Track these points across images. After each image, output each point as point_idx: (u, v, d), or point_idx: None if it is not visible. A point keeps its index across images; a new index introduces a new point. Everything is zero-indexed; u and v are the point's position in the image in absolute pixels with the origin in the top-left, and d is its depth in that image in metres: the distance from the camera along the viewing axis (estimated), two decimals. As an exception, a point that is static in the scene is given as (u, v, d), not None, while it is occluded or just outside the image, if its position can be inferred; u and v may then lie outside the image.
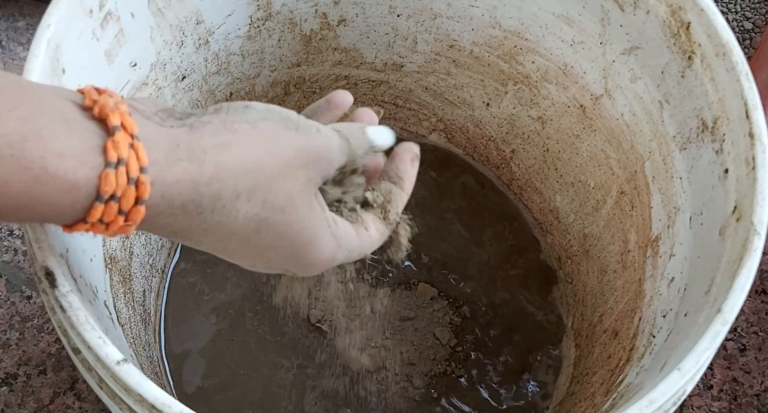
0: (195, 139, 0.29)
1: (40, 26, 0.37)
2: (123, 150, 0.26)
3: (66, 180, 0.25)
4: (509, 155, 0.64)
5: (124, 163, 0.26)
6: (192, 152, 0.28)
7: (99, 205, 0.26)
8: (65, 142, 0.25)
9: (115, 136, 0.26)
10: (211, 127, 0.29)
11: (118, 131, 0.26)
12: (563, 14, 0.51)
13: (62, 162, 0.25)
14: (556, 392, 0.57)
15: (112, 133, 0.26)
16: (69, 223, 0.27)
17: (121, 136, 0.26)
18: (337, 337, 0.57)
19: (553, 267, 0.63)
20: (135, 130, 0.27)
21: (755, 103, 0.41)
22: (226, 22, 0.53)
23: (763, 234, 0.38)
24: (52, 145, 0.25)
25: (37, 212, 0.26)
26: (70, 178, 0.25)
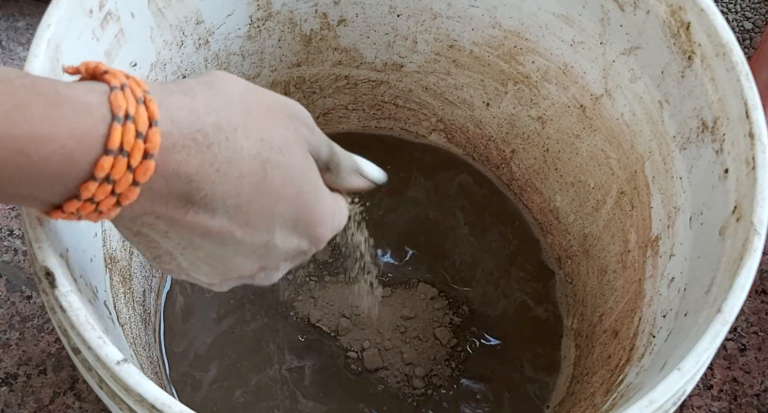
0: (181, 81, 0.30)
1: (40, 26, 0.37)
2: (122, 78, 0.27)
3: (79, 102, 0.26)
4: (509, 155, 0.64)
5: (128, 87, 0.27)
6: (180, 86, 0.29)
7: (117, 124, 0.26)
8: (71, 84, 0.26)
9: (109, 71, 0.27)
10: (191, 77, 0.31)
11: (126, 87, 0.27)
12: (563, 14, 0.51)
13: (71, 89, 0.26)
14: (556, 392, 0.57)
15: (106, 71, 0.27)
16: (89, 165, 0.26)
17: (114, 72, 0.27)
18: (337, 337, 0.57)
19: (553, 267, 0.63)
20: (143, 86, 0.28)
21: (755, 103, 0.41)
22: (226, 22, 0.53)
23: (763, 234, 0.38)
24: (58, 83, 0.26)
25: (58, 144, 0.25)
26: (83, 99, 0.26)
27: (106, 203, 0.27)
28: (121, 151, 0.26)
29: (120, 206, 0.28)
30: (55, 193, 0.27)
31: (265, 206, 0.32)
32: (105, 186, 0.27)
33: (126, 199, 0.28)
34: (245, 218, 0.31)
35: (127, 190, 0.27)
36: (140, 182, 0.27)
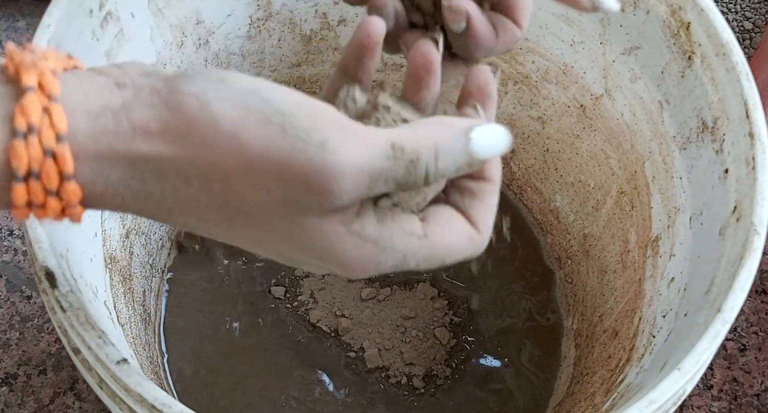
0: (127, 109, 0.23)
1: (40, 26, 0.37)
2: (33, 115, 0.22)
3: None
4: (509, 155, 0.64)
5: (35, 132, 0.22)
6: (119, 124, 0.23)
7: (17, 184, 0.22)
8: None
9: (24, 99, 0.22)
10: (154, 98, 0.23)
11: (29, 92, 0.22)
12: (563, 14, 0.51)
13: None
14: (556, 392, 0.57)
15: (23, 95, 0.22)
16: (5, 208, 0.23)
17: (31, 98, 0.22)
18: (337, 337, 0.57)
19: (553, 267, 0.63)
20: (55, 90, 0.22)
21: (755, 103, 0.41)
22: (226, 22, 0.53)
23: (763, 234, 0.38)
24: None
25: None
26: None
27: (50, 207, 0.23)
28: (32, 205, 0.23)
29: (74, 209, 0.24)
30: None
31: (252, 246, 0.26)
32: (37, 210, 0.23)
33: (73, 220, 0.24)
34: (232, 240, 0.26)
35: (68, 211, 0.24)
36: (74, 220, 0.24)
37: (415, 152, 0.24)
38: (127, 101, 0.23)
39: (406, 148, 0.24)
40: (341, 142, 0.23)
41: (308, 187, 0.23)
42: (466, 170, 0.26)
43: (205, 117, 0.23)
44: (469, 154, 0.25)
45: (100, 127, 0.23)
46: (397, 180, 0.24)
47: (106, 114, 0.23)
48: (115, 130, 0.23)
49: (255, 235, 0.25)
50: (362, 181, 0.23)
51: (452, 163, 0.25)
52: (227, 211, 0.24)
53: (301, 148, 0.22)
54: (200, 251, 0.61)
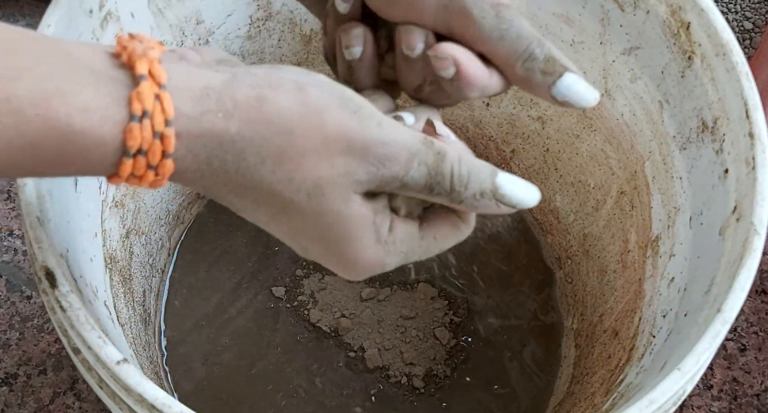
0: (230, 89, 0.27)
1: (40, 26, 0.37)
2: (147, 102, 0.25)
3: (93, 135, 0.25)
4: (509, 155, 0.64)
5: (149, 116, 0.25)
6: (222, 103, 0.26)
7: (127, 160, 0.25)
8: (90, 96, 0.24)
9: (139, 87, 0.25)
10: (252, 80, 0.27)
11: (143, 80, 0.25)
12: (563, 14, 0.51)
13: (88, 117, 0.24)
14: (556, 392, 0.57)
15: (138, 83, 0.25)
16: (104, 175, 0.27)
17: (146, 86, 0.25)
18: (337, 337, 0.57)
19: (553, 267, 0.63)
20: (163, 78, 0.25)
21: (755, 103, 0.41)
22: (226, 22, 0.53)
23: (763, 234, 0.38)
24: (76, 100, 0.24)
25: (72, 168, 0.25)
26: (96, 133, 0.25)
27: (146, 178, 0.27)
28: (132, 175, 0.26)
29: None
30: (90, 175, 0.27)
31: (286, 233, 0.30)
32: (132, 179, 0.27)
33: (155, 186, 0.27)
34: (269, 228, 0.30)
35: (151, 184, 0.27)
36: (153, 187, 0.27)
37: (442, 148, 0.29)
38: (228, 81, 0.27)
39: (435, 143, 0.29)
40: (391, 124, 0.28)
41: (365, 157, 0.28)
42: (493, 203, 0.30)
43: (302, 97, 0.27)
44: (495, 184, 0.29)
45: (202, 108, 0.26)
46: (428, 165, 0.28)
47: (210, 94, 0.26)
48: (216, 109, 0.26)
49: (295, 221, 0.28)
50: (403, 155, 0.28)
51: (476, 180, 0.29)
52: (287, 192, 0.28)
53: (366, 126, 0.28)
54: (202, 253, 0.61)
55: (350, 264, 0.30)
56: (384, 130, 0.28)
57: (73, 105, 0.24)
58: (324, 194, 0.28)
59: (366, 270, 0.30)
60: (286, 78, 0.27)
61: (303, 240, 0.29)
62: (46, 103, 0.24)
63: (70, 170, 0.26)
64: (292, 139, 0.27)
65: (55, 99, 0.24)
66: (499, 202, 0.30)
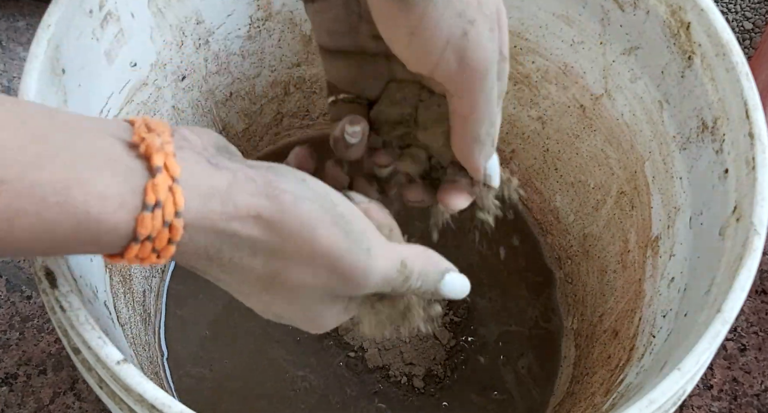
0: (232, 194, 0.28)
1: (40, 26, 0.37)
2: (161, 193, 0.26)
3: (107, 222, 0.26)
4: (509, 155, 0.64)
5: (161, 206, 0.26)
6: (225, 206, 0.28)
7: (135, 245, 0.27)
8: (107, 184, 0.26)
9: (156, 179, 0.26)
10: (252, 187, 0.29)
11: (159, 173, 0.26)
12: (563, 14, 0.51)
13: (104, 205, 0.25)
14: (556, 392, 0.57)
15: (154, 175, 0.26)
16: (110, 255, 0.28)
17: (161, 178, 0.26)
18: (337, 337, 0.57)
19: (553, 267, 0.63)
20: (177, 172, 0.27)
21: (755, 103, 0.41)
22: (226, 22, 0.53)
23: (763, 234, 0.38)
24: (95, 188, 0.25)
25: (81, 250, 0.27)
26: (110, 220, 0.26)
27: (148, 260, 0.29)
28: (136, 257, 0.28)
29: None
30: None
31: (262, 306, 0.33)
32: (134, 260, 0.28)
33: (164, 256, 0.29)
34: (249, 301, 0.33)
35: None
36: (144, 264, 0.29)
37: (412, 272, 0.32)
38: (231, 185, 0.28)
39: (408, 267, 0.32)
40: (378, 250, 0.31)
41: (347, 280, 0.30)
42: (429, 297, 0.35)
43: (296, 211, 0.29)
44: (438, 289, 0.34)
45: (208, 208, 0.28)
46: (393, 287, 0.32)
47: (215, 195, 0.28)
48: (220, 211, 0.28)
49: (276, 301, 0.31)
50: (379, 282, 0.31)
51: (425, 287, 0.33)
52: (270, 283, 0.30)
53: (355, 251, 0.30)
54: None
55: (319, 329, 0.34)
56: (371, 261, 0.30)
57: (91, 193, 0.25)
58: (302, 295, 0.31)
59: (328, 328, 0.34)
60: (282, 189, 0.29)
61: (278, 312, 0.32)
62: (67, 191, 0.25)
63: (78, 251, 0.27)
64: (284, 246, 0.29)
65: (75, 187, 0.25)
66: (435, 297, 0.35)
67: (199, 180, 0.28)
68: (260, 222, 0.29)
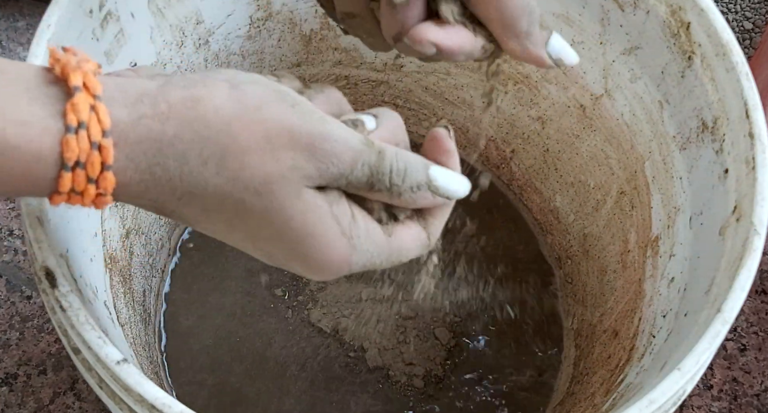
0: (164, 92, 0.26)
1: (40, 26, 0.37)
2: (83, 112, 0.25)
3: (30, 150, 0.24)
4: (509, 155, 0.64)
5: (85, 127, 0.25)
6: (156, 106, 0.26)
7: (66, 173, 0.25)
8: (26, 111, 0.24)
9: (74, 98, 0.25)
10: (185, 81, 0.27)
11: (78, 92, 0.25)
12: (563, 14, 0.51)
13: (24, 131, 0.24)
14: (556, 392, 0.57)
15: (72, 95, 0.25)
16: (46, 195, 0.26)
17: (80, 97, 0.25)
18: (337, 337, 0.57)
19: (553, 267, 0.63)
20: (98, 89, 0.25)
21: (755, 103, 0.41)
22: (226, 22, 0.53)
23: (763, 234, 0.38)
24: (11, 114, 0.24)
25: (11, 185, 0.25)
26: (34, 147, 0.24)
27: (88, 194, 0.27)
28: (74, 191, 0.26)
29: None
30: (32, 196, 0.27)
31: (245, 240, 0.29)
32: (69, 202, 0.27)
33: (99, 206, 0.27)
34: (229, 240, 0.29)
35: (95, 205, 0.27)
36: (99, 207, 0.27)
37: (381, 147, 0.29)
38: (162, 85, 0.27)
39: (374, 142, 0.29)
40: (333, 122, 0.28)
41: (312, 152, 0.27)
42: (428, 195, 0.30)
43: (237, 94, 0.27)
44: (429, 176, 0.30)
45: (138, 114, 0.26)
46: (371, 166, 0.28)
47: (144, 100, 0.26)
48: (152, 114, 0.26)
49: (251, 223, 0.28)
50: (348, 154, 0.28)
51: (412, 174, 0.30)
52: (235, 192, 0.27)
53: (308, 120, 0.27)
54: (202, 252, 0.61)
55: (316, 262, 0.29)
56: (326, 126, 0.28)
57: (8, 119, 0.24)
58: (273, 191, 0.27)
59: (332, 267, 0.29)
60: (220, 78, 0.27)
61: (264, 245, 0.29)
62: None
63: (8, 187, 0.25)
64: (232, 136, 0.26)
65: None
66: (434, 193, 0.30)
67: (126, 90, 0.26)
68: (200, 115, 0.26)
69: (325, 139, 0.27)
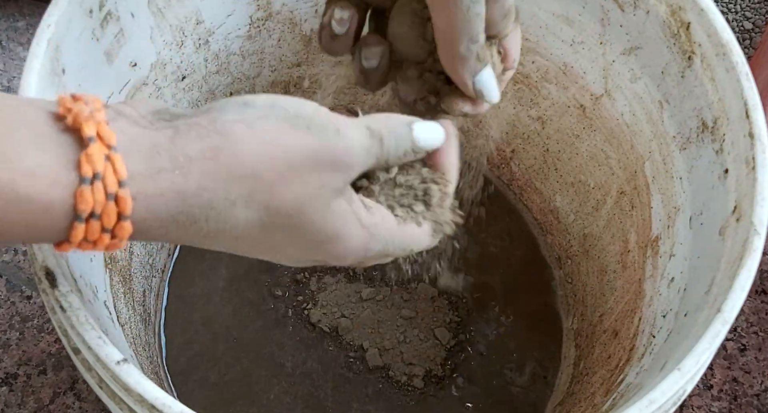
0: (179, 145, 0.26)
1: (40, 26, 0.37)
2: (98, 163, 0.24)
3: (39, 201, 0.23)
4: (509, 155, 0.64)
5: (100, 178, 0.24)
6: (175, 160, 0.26)
7: (79, 224, 0.24)
8: (36, 160, 0.23)
9: (88, 149, 0.24)
10: (198, 131, 0.26)
11: (92, 142, 0.24)
12: (563, 14, 0.51)
13: (33, 182, 0.23)
14: (556, 392, 0.57)
15: (86, 145, 0.24)
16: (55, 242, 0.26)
17: (95, 147, 0.24)
18: (337, 337, 0.57)
19: (553, 267, 0.63)
20: (112, 140, 0.25)
21: (755, 103, 0.41)
22: (226, 22, 0.53)
23: (763, 234, 0.38)
24: (21, 164, 0.23)
25: (17, 235, 0.24)
26: (43, 199, 0.23)
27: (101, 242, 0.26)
28: (86, 240, 0.25)
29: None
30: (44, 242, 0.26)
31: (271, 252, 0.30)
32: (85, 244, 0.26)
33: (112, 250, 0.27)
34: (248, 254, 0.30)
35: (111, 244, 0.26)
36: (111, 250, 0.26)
37: (379, 133, 0.30)
38: (172, 137, 0.26)
39: (373, 129, 0.30)
40: (345, 128, 0.29)
41: (335, 166, 0.28)
42: (412, 156, 0.32)
43: (253, 134, 0.27)
44: (413, 140, 0.32)
45: (156, 167, 0.25)
46: (375, 154, 0.30)
47: (160, 152, 0.25)
48: (171, 167, 0.25)
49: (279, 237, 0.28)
50: (362, 154, 0.29)
51: (401, 145, 0.31)
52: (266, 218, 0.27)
53: (325, 138, 0.28)
54: (202, 252, 0.61)
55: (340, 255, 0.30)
56: (342, 136, 0.28)
57: (17, 169, 0.23)
58: (304, 211, 0.28)
59: (353, 256, 0.31)
60: (229, 119, 0.27)
61: (290, 251, 0.30)
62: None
63: (14, 237, 0.24)
64: (258, 176, 0.27)
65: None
66: (417, 153, 0.32)
67: (140, 143, 0.25)
68: (223, 165, 0.26)
69: (346, 153, 0.29)
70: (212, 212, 0.26)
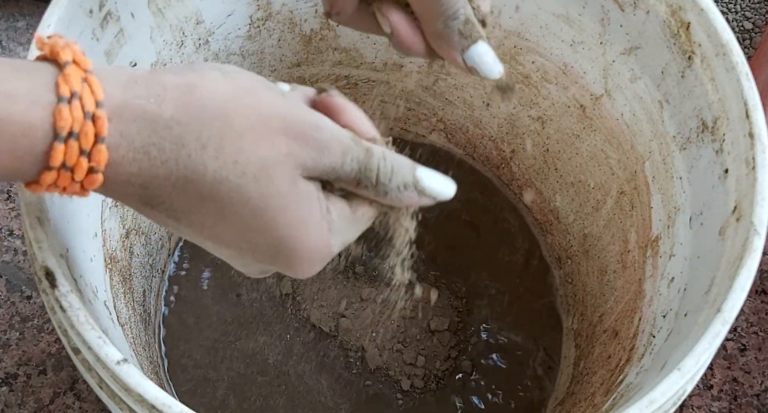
0: (156, 77, 0.26)
1: (40, 26, 0.37)
2: (75, 84, 0.25)
3: (20, 122, 0.24)
4: (509, 155, 0.64)
5: (78, 97, 0.25)
6: (151, 88, 0.26)
7: (58, 145, 0.25)
8: (14, 84, 0.24)
9: (65, 70, 0.25)
10: (175, 70, 0.27)
11: (69, 65, 0.25)
12: (563, 14, 0.51)
13: (13, 103, 0.24)
14: (556, 392, 0.57)
15: (63, 68, 0.25)
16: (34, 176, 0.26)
17: (72, 69, 0.25)
18: (337, 337, 0.57)
19: (553, 267, 0.63)
20: (88, 65, 0.25)
21: (755, 103, 0.41)
22: (226, 22, 0.53)
23: (763, 234, 0.38)
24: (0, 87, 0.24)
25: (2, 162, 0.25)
26: (24, 119, 0.24)
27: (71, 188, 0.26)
28: (64, 166, 0.25)
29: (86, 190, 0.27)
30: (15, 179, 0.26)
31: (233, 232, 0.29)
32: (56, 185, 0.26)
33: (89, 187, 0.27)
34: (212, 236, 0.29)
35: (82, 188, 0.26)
36: (89, 189, 0.27)
37: (368, 145, 0.30)
38: (150, 71, 0.27)
39: (361, 140, 0.30)
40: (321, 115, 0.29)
41: (305, 140, 0.28)
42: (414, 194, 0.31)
43: (229, 80, 0.27)
44: (416, 175, 0.31)
45: (132, 93, 0.26)
46: (359, 161, 0.29)
47: (137, 81, 0.26)
48: (146, 94, 0.26)
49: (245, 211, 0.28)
50: (337, 147, 0.29)
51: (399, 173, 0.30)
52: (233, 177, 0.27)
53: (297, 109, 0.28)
54: (202, 252, 0.61)
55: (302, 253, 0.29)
56: (315, 116, 0.29)
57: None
58: (270, 176, 0.27)
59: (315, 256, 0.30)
60: (209, 67, 0.28)
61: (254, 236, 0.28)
62: None
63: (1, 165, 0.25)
64: (229, 120, 0.27)
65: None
66: (421, 193, 0.31)
67: (118, 73, 0.26)
68: (196, 100, 0.26)
69: (317, 129, 0.28)
70: (183, 151, 0.26)
